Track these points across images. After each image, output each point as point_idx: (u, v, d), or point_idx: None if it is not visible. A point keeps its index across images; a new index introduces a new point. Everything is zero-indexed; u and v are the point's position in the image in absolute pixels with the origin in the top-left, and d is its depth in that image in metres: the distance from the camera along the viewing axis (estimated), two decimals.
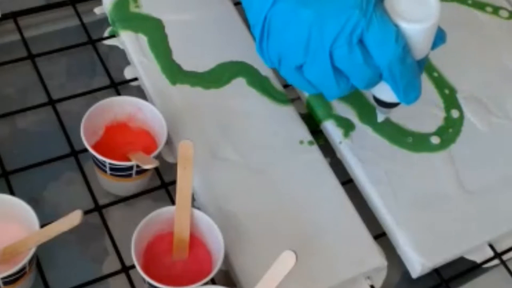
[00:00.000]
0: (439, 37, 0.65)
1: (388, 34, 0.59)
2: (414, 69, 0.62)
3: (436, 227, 0.67)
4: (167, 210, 0.61)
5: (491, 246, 0.70)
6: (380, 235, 0.68)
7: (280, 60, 0.64)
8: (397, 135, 0.73)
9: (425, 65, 0.65)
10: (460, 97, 0.77)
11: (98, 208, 0.66)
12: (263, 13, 0.62)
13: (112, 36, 0.79)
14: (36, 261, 0.61)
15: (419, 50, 0.62)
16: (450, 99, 0.77)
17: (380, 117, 0.71)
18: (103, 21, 0.80)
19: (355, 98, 0.74)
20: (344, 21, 0.59)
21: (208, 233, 0.61)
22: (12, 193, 0.65)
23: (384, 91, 0.65)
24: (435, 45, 0.65)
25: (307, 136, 0.72)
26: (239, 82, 0.75)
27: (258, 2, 0.63)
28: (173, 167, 0.67)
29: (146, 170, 0.65)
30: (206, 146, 0.69)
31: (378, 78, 0.62)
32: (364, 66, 0.60)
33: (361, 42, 0.60)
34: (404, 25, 0.60)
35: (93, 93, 0.74)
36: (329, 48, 0.60)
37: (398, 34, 0.60)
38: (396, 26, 0.60)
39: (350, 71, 0.62)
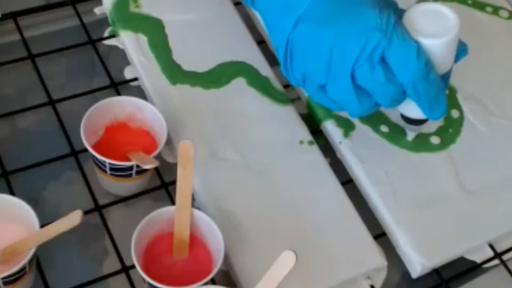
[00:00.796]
0: (461, 49, 0.65)
1: (409, 51, 0.60)
2: (438, 85, 0.62)
3: (436, 227, 0.67)
4: (167, 210, 0.61)
5: (491, 246, 0.69)
6: (380, 235, 0.68)
7: (304, 80, 0.64)
8: (397, 135, 0.73)
9: (449, 78, 0.65)
10: (460, 97, 0.77)
11: (98, 208, 0.66)
12: (285, 35, 0.63)
13: (112, 36, 0.79)
14: (36, 261, 0.61)
15: (442, 65, 0.63)
16: (450, 99, 0.77)
17: (410, 135, 0.72)
18: (103, 21, 0.80)
19: None
20: (365, 42, 0.59)
21: (208, 233, 0.61)
22: (12, 193, 0.65)
23: (410, 109, 0.65)
24: (457, 57, 0.65)
25: (307, 136, 0.72)
26: (239, 82, 0.75)
27: (280, 25, 0.63)
28: (173, 167, 0.67)
29: (146, 170, 0.65)
30: (206, 146, 0.69)
31: (402, 95, 0.62)
32: (386, 84, 0.61)
33: (383, 60, 0.60)
34: (424, 41, 0.61)
35: (93, 93, 0.74)
36: (351, 68, 0.60)
37: (420, 50, 0.60)
38: (417, 42, 0.60)
39: (373, 90, 0.62)
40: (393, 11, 0.61)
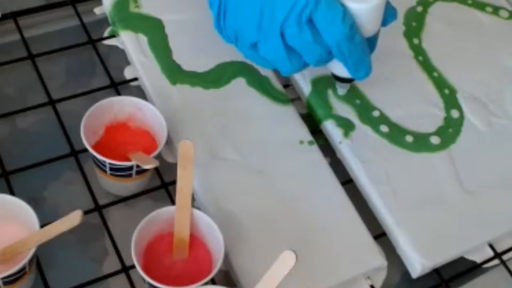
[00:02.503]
0: (390, 14, 0.68)
1: (335, 14, 0.62)
2: (362, 47, 0.65)
3: (436, 227, 0.67)
4: (167, 210, 0.61)
5: (491, 246, 0.70)
6: (380, 235, 0.68)
7: (236, 37, 0.67)
8: (397, 135, 0.73)
9: (376, 42, 0.68)
10: (460, 97, 0.77)
11: (98, 208, 0.66)
12: None
13: (112, 36, 0.79)
14: (36, 261, 0.61)
15: (368, 29, 0.65)
16: (450, 99, 0.77)
17: (341, 91, 0.74)
18: (103, 21, 0.80)
19: (355, 98, 0.74)
20: (293, 2, 0.62)
21: (208, 233, 0.61)
22: (12, 193, 0.65)
23: (339, 68, 0.68)
24: (386, 22, 0.68)
25: (307, 136, 0.72)
26: (239, 82, 0.75)
27: None
28: (173, 167, 0.67)
29: (146, 170, 0.65)
30: (206, 146, 0.69)
31: (328, 55, 0.65)
32: (313, 44, 0.64)
33: (310, 21, 0.63)
34: (351, 5, 0.64)
35: (93, 93, 0.74)
36: (280, 27, 0.63)
37: (345, 14, 0.63)
38: (343, 6, 0.63)
39: (301, 49, 0.65)
40: None
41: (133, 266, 0.60)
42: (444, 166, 0.71)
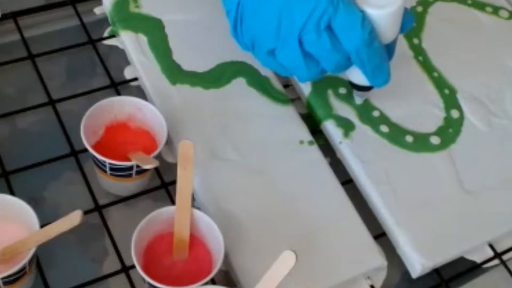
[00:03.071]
0: (408, 20, 0.67)
1: (354, 20, 0.62)
2: (381, 53, 0.65)
3: (436, 227, 0.67)
4: (167, 210, 0.61)
5: (491, 246, 0.70)
6: (380, 235, 0.68)
7: (253, 44, 0.67)
8: (397, 135, 0.73)
9: (394, 49, 0.68)
10: (460, 97, 0.77)
11: (98, 208, 0.66)
12: None
13: (112, 36, 0.79)
14: (36, 261, 0.61)
15: (386, 35, 0.65)
16: (450, 99, 0.77)
17: (358, 100, 0.73)
18: (103, 21, 0.80)
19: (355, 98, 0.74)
20: (312, 8, 0.61)
21: (208, 233, 0.61)
22: (12, 193, 0.65)
23: (357, 75, 0.68)
24: (404, 28, 0.67)
25: (307, 136, 0.72)
26: (239, 82, 0.75)
27: None
28: (173, 167, 0.67)
29: (146, 170, 0.65)
30: (206, 146, 0.69)
31: (346, 62, 0.65)
32: (332, 51, 0.63)
33: (329, 28, 0.62)
34: (370, 11, 0.63)
35: (93, 93, 0.74)
36: (298, 33, 0.63)
37: (364, 19, 0.62)
38: (362, 12, 0.63)
39: (319, 56, 0.64)
40: None
41: (133, 266, 0.60)
42: (444, 166, 0.72)
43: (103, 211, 0.66)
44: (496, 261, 0.69)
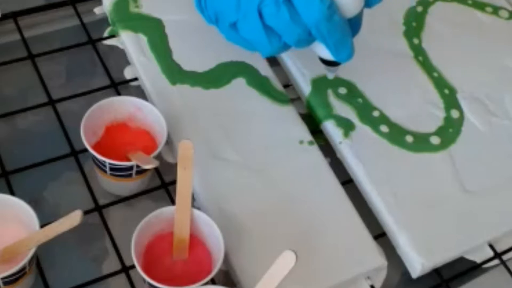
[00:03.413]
0: None
1: None
2: (342, 27, 0.64)
3: (436, 227, 0.67)
4: (167, 210, 0.61)
5: (491, 246, 0.70)
6: (380, 235, 0.68)
7: (217, 18, 0.67)
8: (397, 135, 0.73)
9: (361, 23, 0.67)
10: (460, 97, 0.77)
11: (98, 208, 0.66)
12: None
13: (112, 36, 0.79)
14: (36, 261, 0.61)
15: (348, 9, 0.64)
16: (450, 99, 0.77)
17: (329, 75, 0.72)
18: (103, 21, 0.80)
19: (355, 98, 0.74)
20: None
21: (208, 233, 0.61)
22: (12, 193, 0.65)
23: (323, 49, 0.67)
24: (370, 3, 0.66)
25: (307, 136, 0.72)
26: (239, 82, 0.75)
27: None
28: (173, 167, 0.67)
29: (146, 170, 0.65)
30: (206, 146, 0.69)
31: (308, 36, 0.64)
32: (292, 24, 0.63)
33: (288, 0, 0.62)
34: None
35: (93, 93, 0.74)
36: (258, 5, 0.62)
37: None
38: None
39: (279, 29, 0.64)
40: None
41: (133, 266, 0.60)
42: (444, 166, 0.72)
43: (103, 211, 0.66)
44: (496, 261, 0.69)
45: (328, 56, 0.67)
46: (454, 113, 0.76)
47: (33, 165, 0.68)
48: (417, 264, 0.65)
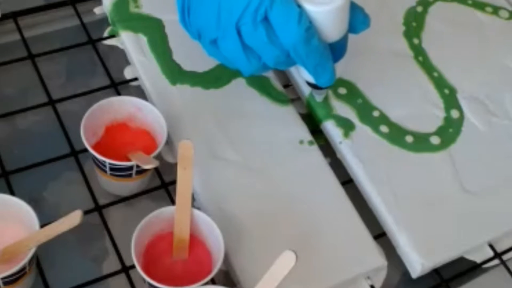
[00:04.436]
0: (361, 21, 0.66)
1: (291, 15, 0.61)
2: (322, 52, 0.63)
3: (436, 227, 0.67)
4: (167, 210, 0.61)
5: (491, 246, 0.70)
6: (380, 235, 0.68)
7: (199, 34, 0.67)
8: (397, 135, 0.73)
9: (345, 49, 0.66)
10: (460, 97, 0.77)
11: (98, 208, 0.66)
12: None
13: (112, 36, 0.79)
14: (36, 261, 0.61)
15: (329, 33, 0.63)
16: (450, 99, 0.77)
17: (318, 98, 0.72)
18: (103, 21, 0.80)
19: (355, 98, 0.74)
20: (248, 0, 0.61)
21: (208, 233, 0.61)
22: (12, 193, 0.65)
23: (307, 72, 0.67)
24: (356, 29, 0.66)
25: (307, 136, 0.72)
26: (239, 82, 0.75)
27: None
28: (173, 167, 0.67)
29: (146, 170, 0.65)
30: (206, 146, 0.69)
31: (287, 58, 0.64)
32: (269, 44, 0.62)
33: (266, 20, 0.62)
34: (308, 7, 0.62)
35: (93, 93, 0.74)
36: (236, 24, 0.62)
37: (302, 15, 0.61)
38: (300, 7, 0.61)
39: (258, 49, 0.64)
40: None
41: (133, 266, 0.60)
42: (444, 166, 0.71)
43: (103, 211, 0.66)
44: (496, 261, 0.69)
45: (311, 79, 0.67)
46: (454, 113, 0.76)
47: (33, 165, 0.68)
48: (417, 264, 0.65)
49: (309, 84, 0.70)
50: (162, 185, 0.69)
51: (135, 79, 0.76)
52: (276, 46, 0.62)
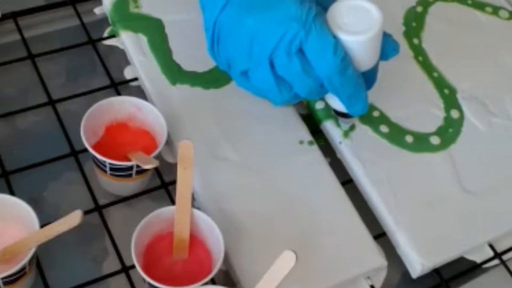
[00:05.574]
0: (392, 48, 0.66)
1: (327, 45, 0.60)
2: (356, 81, 0.63)
3: (436, 227, 0.67)
4: (167, 210, 0.61)
5: (491, 246, 0.70)
6: (380, 235, 0.68)
7: (229, 64, 0.66)
8: (397, 135, 0.73)
9: (376, 76, 0.66)
10: (460, 97, 0.77)
11: (98, 208, 0.66)
12: (213, 17, 0.64)
13: (112, 36, 0.79)
14: (36, 261, 0.61)
15: (362, 62, 0.63)
16: (450, 99, 0.77)
17: (344, 126, 0.72)
18: (103, 21, 0.80)
19: None
20: (283, 32, 0.60)
21: (208, 233, 0.61)
22: (12, 193, 0.65)
23: (336, 101, 0.66)
24: (387, 56, 0.66)
25: (307, 136, 0.72)
26: None
27: (209, 7, 0.64)
28: (173, 167, 0.67)
29: (146, 170, 0.65)
30: (206, 146, 0.69)
31: (320, 88, 0.63)
32: (303, 75, 0.62)
33: (301, 52, 0.61)
34: (343, 37, 0.61)
35: (93, 93, 0.74)
36: (269, 56, 0.62)
37: (337, 45, 0.61)
38: (336, 37, 0.61)
39: (291, 80, 0.63)
40: (315, 5, 0.62)
41: (133, 266, 0.60)
42: (444, 166, 0.72)
43: (103, 211, 0.66)
44: (496, 261, 0.69)
45: (342, 108, 0.67)
46: (454, 113, 0.76)
47: (33, 165, 0.68)
48: (417, 264, 0.65)
49: (337, 112, 0.69)
50: (162, 185, 0.69)
51: (135, 79, 0.76)
52: (310, 77, 0.62)
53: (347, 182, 0.71)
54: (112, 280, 0.63)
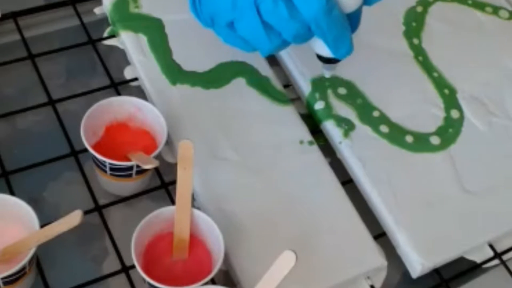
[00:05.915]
0: None
1: None
2: (342, 22, 0.63)
3: (436, 227, 0.67)
4: (167, 210, 0.61)
5: (491, 246, 0.70)
6: (380, 235, 0.68)
7: (212, 19, 0.66)
8: (397, 135, 0.73)
9: (359, 19, 0.66)
10: (460, 97, 0.77)
11: (98, 208, 0.66)
12: None
13: (112, 36, 0.79)
14: (36, 261, 0.61)
15: (347, 3, 0.63)
16: (450, 99, 0.77)
17: (326, 74, 0.72)
18: (103, 21, 0.80)
19: (355, 98, 0.74)
20: None
21: (208, 233, 0.61)
22: (12, 193, 0.65)
23: (321, 46, 0.66)
24: (370, 0, 0.66)
25: (307, 136, 0.72)
26: (239, 82, 0.75)
27: None
28: (173, 167, 0.67)
29: (146, 170, 0.65)
30: (206, 146, 0.69)
31: (307, 31, 0.63)
32: (290, 19, 0.62)
33: None
34: None
35: (93, 93, 0.74)
36: (255, 2, 0.61)
37: None
38: None
39: (278, 25, 0.63)
40: None
41: (133, 266, 0.60)
42: (444, 166, 0.72)
43: (103, 211, 0.66)
44: (496, 261, 0.69)
45: (327, 53, 0.67)
46: (454, 113, 0.76)
47: (33, 165, 0.68)
48: (417, 264, 0.65)
49: (320, 58, 0.69)
50: (162, 185, 0.69)
51: (135, 79, 0.76)
52: (297, 20, 0.62)
53: (347, 182, 0.71)
54: (112, 280, 0.63)
